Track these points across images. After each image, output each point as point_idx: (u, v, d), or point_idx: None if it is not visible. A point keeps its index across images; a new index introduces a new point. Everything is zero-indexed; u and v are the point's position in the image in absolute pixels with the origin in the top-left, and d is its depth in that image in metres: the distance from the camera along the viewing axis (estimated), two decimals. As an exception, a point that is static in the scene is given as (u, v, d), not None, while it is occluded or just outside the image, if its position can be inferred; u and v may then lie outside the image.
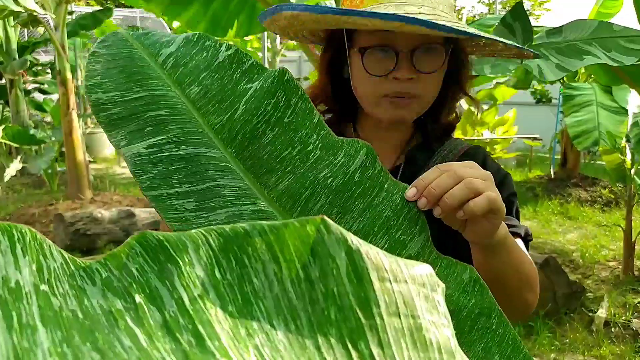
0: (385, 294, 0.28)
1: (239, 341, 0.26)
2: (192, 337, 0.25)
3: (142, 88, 0.59)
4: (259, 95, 0.58)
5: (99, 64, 0.61)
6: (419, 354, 0.28)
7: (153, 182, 0.52)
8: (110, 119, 0.57)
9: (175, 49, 0.63)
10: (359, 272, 0.29)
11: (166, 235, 0.29)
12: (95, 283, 0.27)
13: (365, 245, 0.29)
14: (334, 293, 0.28)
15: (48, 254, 0.27)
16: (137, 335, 0.25)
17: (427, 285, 0.30)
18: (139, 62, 0.62)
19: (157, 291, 0.27)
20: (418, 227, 0.56)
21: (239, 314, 0.27)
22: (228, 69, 0.60)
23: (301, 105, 0.58)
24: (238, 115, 0.58)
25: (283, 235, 0.29)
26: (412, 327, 0.28)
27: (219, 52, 0.61)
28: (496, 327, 0.50)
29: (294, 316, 0.28)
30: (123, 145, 0.55)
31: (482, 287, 0.51)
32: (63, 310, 0.25)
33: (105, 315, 0.26)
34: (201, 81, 0.60)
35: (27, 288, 0.25)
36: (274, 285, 0.28)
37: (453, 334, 0.30)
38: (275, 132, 0.57)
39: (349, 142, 0.57)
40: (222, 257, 0.29)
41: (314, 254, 0.29)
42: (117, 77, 0.60)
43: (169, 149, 0.54)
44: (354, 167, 0.56)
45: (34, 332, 0.23)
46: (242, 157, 0.56)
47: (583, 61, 1.61)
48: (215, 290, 0.27)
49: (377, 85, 0.83)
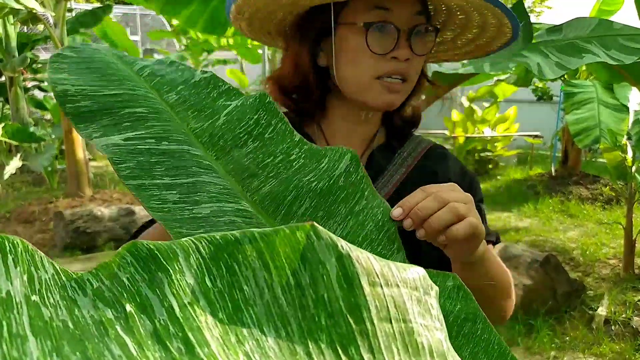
0: (376, 298, 0.28)
1: (229, 348, 0.26)
2: (182, 345, 0.25)
3: (118, 87, 0.58)
4: (241, 110, 0.58)
5: (65, 64, 0.59)
6: (411, 358, 0.28)
7: (133, 171, 0.51)
8: (78, 111, 0.55)
9: (150, 64, 0.63)
10: (349, 277, 0.29)
11: (157, 244, 0.29)
12: (87, 293, 0.27)
13: (356, 250, 0.30)
14: (324, 299, 0.28)
15: (39, 265, 0.27)
16: (127, 344, 0.25)
17: (419, 288, 0.30)
18: (114, 65, 0.61)
19: (148, 300, 0.27)
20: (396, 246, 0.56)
21: (229, 321, 0.27)
22: (205, 88, 0.61)
23: (281, 127, 0.58)
24: (219, 124, 0.58)
25: (273, 242, 0.29)
26: (403, 331, 0.28)
27: (194, 74, 0.62)
28: (481, 332, 0.50)
29: (284, 322, 0.28)
30: (96, 136, 0.53)
31: (466, 293, 0.51)
32: (53, 320, 0.25)
33: (96, 324, 0.26)
34: (179, 91, 0.60)
35: (18, 298, 0.25)
36: (265, 292, 0.28)
37: (446, 336, 0.30)
38: (257, 144, 0.57)
39: (332, 149, 0.57)
40: (212, 265, 0.29)
41: (304, 260, 0.29)
42: (89, 75, 0.58)
43: (150, 143, 0.53)
44: (339, 171, 0.55)
45: (24, 341, 0.24)
46: (223, 161, 0.56)
47: (582, 59, 1.60)
48: (206, 297, 0.27)
49: (373, 65, 0.80)
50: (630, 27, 1.83)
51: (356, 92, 0.83)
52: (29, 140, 6.44)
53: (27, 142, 6.53)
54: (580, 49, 1.64)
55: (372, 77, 0.81)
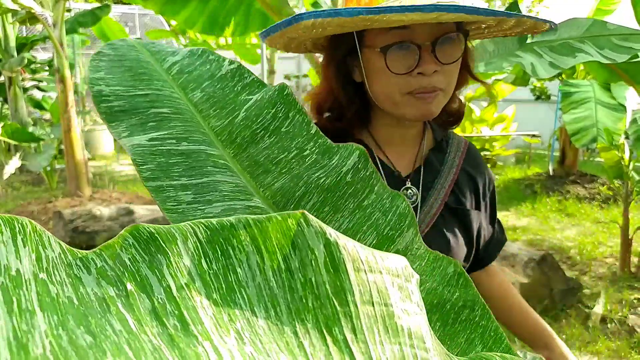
0: (360, 283, 0.30)
1: (221, 325, 0.28)
2: (178, 322, 0.27)
3: (147, 87, 0.61)
4: (260, 105, 0.60)
5: (103, 62, 0.63)
6: (390, 339, 0.30)
7: (153, 172, 0.53)
8: (111, 110, 0.58)
9: (180, 58, 0.66)
10: (336, 263, 0.30)
11: (157, 228, 0.31)
12: (91, 272, 0.29)
13: (343, 238, 0.31)
14: (312, 282, 0.30)
15: (47, 245, 0.29)
16: (127, 320, 0.27)
17: (401, 275, 0.32)
18: (145, 64, 0.64)
19: (147, 279, 0.29)
20: (407, 222, 0.57)
21: (223, 301, 0.29)
22: (230, 81, 0.63)
23: (299, 118, 0.60)
24: (238, 121, 0.60)
25: (266, 228, 0.31)
26: (384, 314, 0.30)
27: (222, 66, 0.64)
28: (479, 319, 0.52)
29: (274, 303, 0.30)
30: (124, 136, 0.56)
31: (467, 280, 0.53)
32: (60, 296, 0.27)
33: (99, 301, 0.28)
34: (204, 88, 0.62)
35: (27, 276, 0.27)
36: (257, 275, 0.30)
37: (426, 321, 0.32)
38: (273, 139, 0.59)
39: (344, 146, 0.58)
40: (208, 249, 0.30)
41: (295, 246, 0.31)
42: (122, 75, 0.62)
43: (170, 143, 0.56)
44: (346, 168, 0.57)
45: (33, 316, 0.25)
46: (239, 158, 0.58)
47: (576, 59, 1.62)
48: (201, 279, 0.29)
49: (401, 84, 0.79)
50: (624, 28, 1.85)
51: (391, 107, 0.84)
52: (28, 140, 6.45)
53: (26, 142, 6.53)
54: (573, 48, 1.66)
55: (403, 93, 0.80)
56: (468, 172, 0.95)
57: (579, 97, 4.93)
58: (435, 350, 0.32)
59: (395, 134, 0.91)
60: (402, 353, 0.30)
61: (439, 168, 0.91)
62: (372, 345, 0.29)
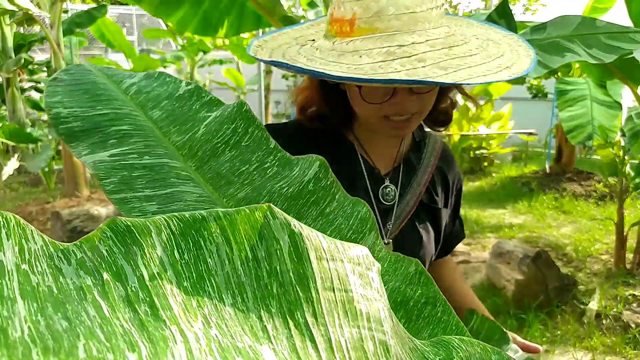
0: (322, 271, 0.32)
1: (189, 311, 0.30)
2: (148, 308, 0.29)
3: (106, 106, 0.62)
4: (219, 120, 0.61)
5: (59, 87, 0.64)
6: (349, 322, 0.32)
7: (117, 185, 0.54)
8: (71, 131, 0.59)
9: (137, 80, 0.67)
10: (299, 252, 0.33)
11: (133, 221, 0.33)
12: (71, 263, 0.31)
13: (307, 229, 0.34)
14: (277, 270, 0.32)
15: (30, 238, 0.31)
16: (102, 306, 0.29)
17: (362, 264, 0.34)
18: (102, 86, 0.65)
19: (122, 269, 0.31)
20: (368, 226, 0.59)
21: (192, 289, 0.31)
22: (188, 100, 0.64)
23: (258, 134, 0.61)
24: (199, 136, 0.61)
25: (235, 220, 0.33)
26: (344, 299, 0.32)
27: (179, 87, 0.65)
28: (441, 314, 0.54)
29: (241, 291, 0.32)
30: (85, 154, 0.57)
31: (427, 278, 0.55)
32: (40, 285, 0.29)
33: (77, 290, 0.30)
34: (163, 107, 0.63)
35: (9, 267, 0.29)
36: (226, 264, 0.32)
37: (385, 306, 0.34)
38: (234, 152, 0.60)
39: (304, 158, 0.60)
40: (181, 240, 0.33)
41: (261, 236, 0.33)
42: (80, 97, 0.62)
43: (132, 158, 0.56)
44: (307, 177, 0.58)
45: (14, 303, 0.27)
46: (201, 170, 0.59)
47: (564, 58, 1.64)
48: (173, 268, 0.31)
49: (377, 109, 0.81)
50: (614, 25, 1.87)
51: (368, 125, 0.88)
52: (26, 141, 6.46)
53: (25, 142, 6.54)
54: (562, 47, 1.68)
55: (379, 117, 0.83)
56: (441, 171, 0.99)
57: (574, 94, 4.94)
58: (393, 333, 0.34)
59: (376, 135, 0.94)
60: (360, 335, 0.32)
61: (415, 167, 0.95)
62: (331, 328, 0.31)
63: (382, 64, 0.69)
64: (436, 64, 0.69)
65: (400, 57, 0.69)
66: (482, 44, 0.78)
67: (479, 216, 5.47)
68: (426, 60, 0.69)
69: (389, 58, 0.70)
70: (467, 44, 0.75)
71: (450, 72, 0.69)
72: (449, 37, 0.74)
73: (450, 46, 0.73)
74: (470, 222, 5.25)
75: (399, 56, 0.70)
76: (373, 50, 0.70)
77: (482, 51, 0.75)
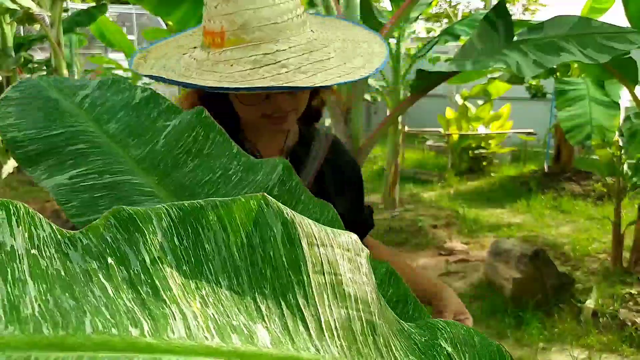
0: (313, 256, 0.34)
1: (188, 292, 0.32)
2: (150, 289, 0.31)
3: (60, 125, 0.60)
4: (179, 129, 0.60)
5: (11, 107, 0.62)
6: (338, 303, 0.34)
7: (78, 209, 0.53)
8: (27, 156, 0.57)
9: (90, 91, 0.65)
10: (292, 238, 0.35)
11: (136, 209, 0.35)
12: (77, 249, 0.33)
13: (299, 216, 0.36)
14: (270, 255, 0.34)
15: (39, 225, 0.33)
16: (107, 287, 0.31)
17: (351, 250, 0.37)
18: (55, 102, 0.63)
19: (126, 254, 0.33)
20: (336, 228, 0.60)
21: (191, 272, 0.33)
22: (145, 109, 0.62)
23: (219, 139, 0.60)
24: (159, 147, 0.59)
25: (231, 209, 0.35)
26: (334, 282, 0.35)
27: (135, 94, 0.64)
28: (412, 312, 0.57)
29: (236, 274, 0.34)
30: (44, 178, 0.55)
31: (397, 278, 0.57)
32: (49, 269, 0.31)
33: (83, 273, 0.32)
34: (119, 119, 0.62)
35: (20, 251, 0.31)
36: (222, 250, 0.34)
37: (373, 290, 0.36)
38: (196, 161, 0.59)
39: (267, 161, 0.60)
40: (180, 227, 0.35)
41: (256, 224, 0.35)
42: (33, 116, 0.61)
43: (92, 178, 0.55)
44: (272, 182, 0.58)
45: (24, 285, 0.30)
46: (164, 183, 0.57)
47: (559, 58, 1.66)
48: (173, 253, 0.34)
49: (255, 109, 0.88)
50: (609, 26, 1.89)
51: (250, 123, 0.95)
52: (27, 139, 6.47)
53: (25, 141, 6.55)
54: (558, 47, 1.70)
55: (257, 116, 0.90)
56: (333, 163, 1.05)
57: (573, 94, 4.95)
58: (380, 314, 0.36)
59: (261, 131, 0.99)
60: (349, 315, 0.34)
61: (303, 160, 1.01)
62: (321, 309, 0.34)
63: (250, 71, 0.77)
64: (297, 68, 0.78)
65: (266, 64, 0.78)
66: (342, 45, 0.86)
67: (477, 215, 5.50)
68: (289, 66, 0.78)
69: (257, 66, 0.78)
70: (326, 47, 0.84)
71: (310, 75, 0.77)
72: (310, 42, 0.83)
73: (310, 51, 0.81)
74: (469, 222, 5.27)
75: (265, 63, 0.78)
76: (242, 59, 0.78)
77: (340, 53, 0.84)
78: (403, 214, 5.56)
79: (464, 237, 4.90)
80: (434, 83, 2.15)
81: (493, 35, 1.98)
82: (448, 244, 4.58)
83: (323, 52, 0.82)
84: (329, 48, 0.84)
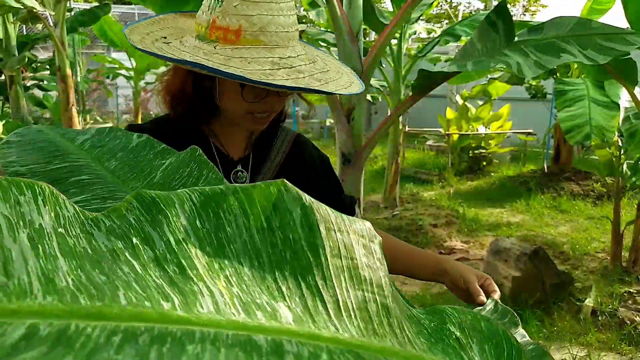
0: (330, 240, 0.36)
1: (213, 272, 0.33)
2: (176, 267, 0.33)
3: (63, 160, 0.63)
4: (174, 165, 0.63)
5: (12, 149, 0.65)
6: (355, 285, 0.36)
7: None
8: None
9: (90, 136, 0.69)
10: (310, 223, 0.36)
11: (158, 193, 0.36)
12: (101, 229, 0.35)
13: (317, 203, 0.37)
14: (290, 239, 0.36)
15: (63, 206, 0.34)
16: (134, 265, 0.32)
17: (365, 237, 0.38)
18: (56, 143, 0.67)
19: (150, 235, 0.34)
20: None
21: (214, 253, 0.34)
22: (142, 150, 0.66)
23: (212, 176, 0.62)
24: (157, 180, 0.62)
25: (251, 194, 0.37)
26: (350, 266, 0.36)
27: (132, 139, 0.67)
28: None
29: (257, 256, 0.35)
30: None
31: None
32: (76, 246, 0.33)
33: (109, 252, 0.33)
34: (118, 158, 0.66)
35: (48, 230, 0.32)
36: (243, 233, 0.36)
37: (386, 275, 0.38)
38: None
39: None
40: (202, 211, 0.36)
41: (276, 208, 0.37)
42: (36, 154, 0.64)
43: (96, 203, 0.57)
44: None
45: (55, 260, 0.31)
46: None
47: (560, 59, 1.67)
48: (196, 235, 0.35)
49: (247, 106, 0.94)
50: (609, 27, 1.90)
51: (232, 118, 1.00)
52: (28, 137, 6.48)
53: (26, 139, 6.56)
54: (558, 48, 1.71)
55: (245, 112, 0.96)
56: (296, 156, 1.11)
57: (573, 95, 4.96)
58: (393, 298, 0.37)
59: (229, 128, 1.05)
60: (364, 297, 0.36)
61: (267, 154, 1.07)
62: (339, 290, 0.35)
63: (271, 71, 0.83)
64: (311, 75, 0.86)
65: (283, 67, 0.84)
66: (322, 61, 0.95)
67: (477, 215, 5.51)
68: (304, 72, 0.86)
69: (275, 67, 0.84)
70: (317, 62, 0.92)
71: (323, 83, 0.86)
72: (307, 54, 0.91)
73: (312, 61, 0.90)
74: (468, 221, 5.29)
75: (282, 66, 0.84)
76: (259, 59, 0.84)
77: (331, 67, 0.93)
78: (403, 213, 5.58)
79: (464, 236, 4.92)
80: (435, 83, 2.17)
81: (494, 36, 1.99)
82: (448, 243, 4.61)
83: (320, 65, 0.91)
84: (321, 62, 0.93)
